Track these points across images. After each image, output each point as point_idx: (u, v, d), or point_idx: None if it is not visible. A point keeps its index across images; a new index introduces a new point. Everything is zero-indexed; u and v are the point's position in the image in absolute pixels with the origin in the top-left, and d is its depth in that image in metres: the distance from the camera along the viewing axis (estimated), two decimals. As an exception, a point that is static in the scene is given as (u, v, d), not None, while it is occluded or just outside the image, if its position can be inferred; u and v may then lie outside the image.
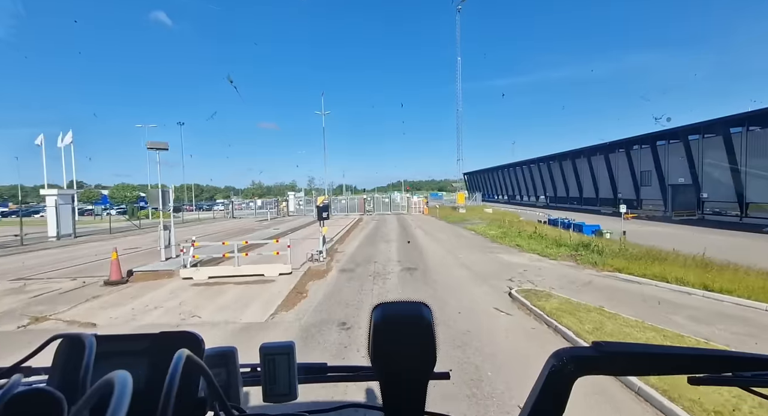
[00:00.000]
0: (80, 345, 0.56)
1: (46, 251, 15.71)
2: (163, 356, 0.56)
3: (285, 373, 0.73)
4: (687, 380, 0.59)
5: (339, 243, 16.22)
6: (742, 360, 0.56)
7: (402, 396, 0.56)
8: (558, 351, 0.55)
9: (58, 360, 0.60)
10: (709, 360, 0.57)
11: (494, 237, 17.25)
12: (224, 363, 0.72)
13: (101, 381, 0.34)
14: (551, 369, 0.53)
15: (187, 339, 0.65)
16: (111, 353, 0.61)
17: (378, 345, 0.54)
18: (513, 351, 4.98)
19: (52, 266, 11.66)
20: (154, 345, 0.65)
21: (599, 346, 0.55)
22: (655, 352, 0.57)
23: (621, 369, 0.59)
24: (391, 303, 0.57)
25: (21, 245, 17.26)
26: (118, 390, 0.32)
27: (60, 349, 0.61)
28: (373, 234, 19.68)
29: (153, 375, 0.60)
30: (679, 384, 3.72)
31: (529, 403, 0.53)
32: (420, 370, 0.55)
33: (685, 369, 0.56)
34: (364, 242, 16.66)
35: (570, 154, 50.85)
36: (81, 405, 0.32)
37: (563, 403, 0.52)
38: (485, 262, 11.47)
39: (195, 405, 0.58)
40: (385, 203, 35.68)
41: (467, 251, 13.60)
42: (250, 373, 0.83)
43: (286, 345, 0.75)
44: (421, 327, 0.54)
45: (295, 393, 0.73)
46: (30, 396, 0.43)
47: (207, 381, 0.51)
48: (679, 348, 0.57)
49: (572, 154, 50.52)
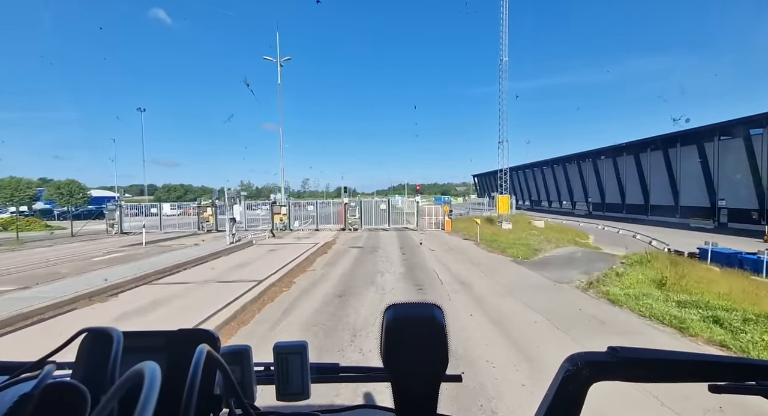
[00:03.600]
0: (107, 339, 0.55)
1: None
2: (181, 352, 0.58)
3: (298, 372, 0.72)
4: (708, 388, 0.56)
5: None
6: (765, 368, 0.54)
7: (413, 398, 0.56)
8: (572, 355, 0.55)
9: (83, 354, 0.59)
10: (730, 368, 0.55)
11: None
12: (239, 361, 0.71)
13: (131, 371, 0.34)
14: (566, 373, 0.52)
15: (204, 336, 0.65)
16: (129, 348, 0.59)
17: (390, 347, 0.54)
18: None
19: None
20: (172, 341, 0.65)
21: (615, 351, 0.54)
22: (673, 359, 0.56)
23: (638, 376, 0.55)
24: (403, 305, 0.57)
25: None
26: (149, 380, 0.32)
27: (85, 343, 0.60)
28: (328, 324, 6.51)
29: (171, 369, 0.58)
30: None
31: (543, 407, 0.53)
32: (432, 372, 0.55)
33: (705, 377, 0.53)
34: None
35: (633, 146, 37.80)
36: (112, 394, 0.33)
37: (578, 409, 0.52)
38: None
39: (211, 400, 0.58)
40: (381, 212, 22.52)
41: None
42: (263, 372, 0.83)
43: (299, 345, 0.74)
44: (434, 329, 0.54)
45: (307, 393, 0.72)
46: (57, 388, 0.43)
47: (225, 377, 0.54)
48: (699, 354, 0.56)
49: (636, 146, 37.43)
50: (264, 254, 12.37)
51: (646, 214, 36.53)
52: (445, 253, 12.97)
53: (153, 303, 6.67)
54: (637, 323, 5.72)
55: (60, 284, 7.84)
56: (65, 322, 5.73)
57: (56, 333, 5.14)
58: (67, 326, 5.41)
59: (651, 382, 0.55)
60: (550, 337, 5.07)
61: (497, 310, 6.31)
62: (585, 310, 6.29)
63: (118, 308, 6.51)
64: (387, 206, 22.07)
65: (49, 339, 4.69)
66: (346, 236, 18.51)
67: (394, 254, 12.83)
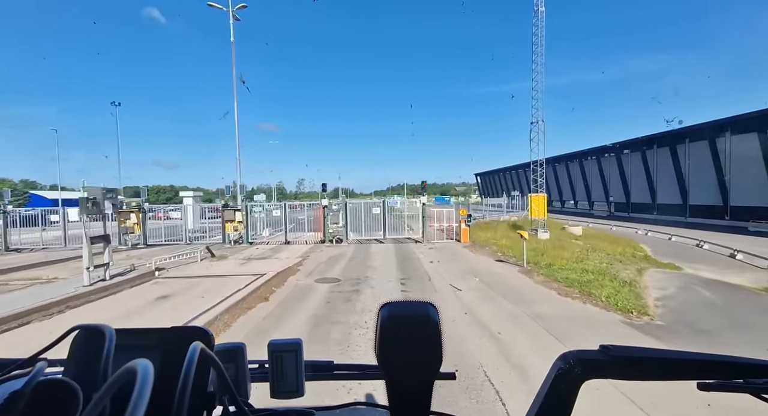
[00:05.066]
0: (99, 336, 0.55)
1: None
2: (174, 350, 0.58)
3: (292, 370, 0.71)
4: (696, 386, 0.57)
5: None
6: (753, 366, 0.55)
7: (408, 396, 0.56)
8: (565, 353, 0.55)
9: (75, 351, 0.58)
10: (719, 366, 0.56)
11: None
12: (233, 359, 0.70)
13: (124, 368, 0.34)
14: (558, 371, 0.53)
15: (198, 333, 0.64)
16: (122, 346, 0.58)
17: (384, 344, 0.54)
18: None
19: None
20: (165, 338, 0.64)
21: (607, 350, 0.54)
22: (663, 357, 0.56)
23: (628, 374, 0.55)
24: (398, 303, 0.57)
25: None
26: (141, 377, 0.32)
27: (77, 340, 0.59)
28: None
29: (164, 367, 0.56)
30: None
31: (535, 406, 0.53)
32: (426, 370, 0.54)
33: (695, 375, 0.54)
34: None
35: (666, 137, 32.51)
36: (104, 391, 0.32)
37: (570, 407, 0.52)
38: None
39: (205, 398, 0.57)
40: (375, 217, 16.61)
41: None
42: (258, 370, 0.82)
43: (294, 342, 0.73)
44: (428, 327, 0.54)
45: (302, 390, 0.72)
46: (49, 386, 0.43)
47: (219, 374, 0.53)
48: (689, 353, 0.57)
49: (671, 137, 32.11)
50: (121, 317, 6.65)
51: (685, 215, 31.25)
52: (482, 298, 7.28)
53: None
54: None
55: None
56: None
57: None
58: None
59: (642, 380, 0.55)
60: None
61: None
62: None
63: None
64: (382, 210, 16.33)
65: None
66: (322, 255, 12.81)
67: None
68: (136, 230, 14.82)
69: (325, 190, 16.56)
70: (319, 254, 12.87)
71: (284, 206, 16.12)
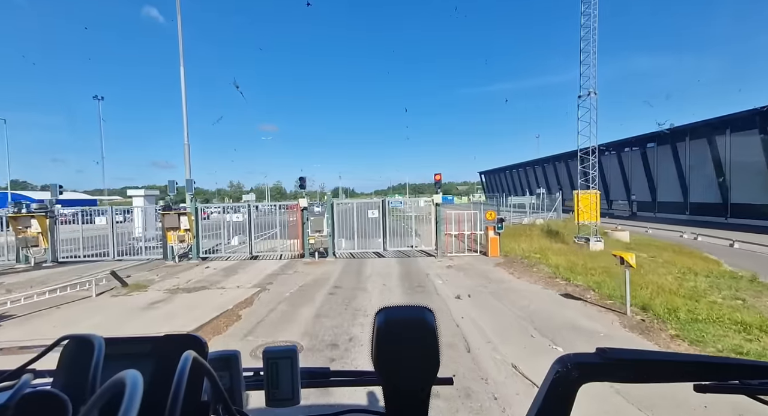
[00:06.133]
0: (89, 346, 0.54)
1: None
2: (167, 358, 0.56)
3: (288, 377, 0.69)
4: (693, 387, 0.56)
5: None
6: (748, 367, 0.55)
7: (404, 402, 0.55)
8: (562, 356, 0.54)
9: (64, 362, 0.57)
10: (715, 368, 0.56)
11: None
12: (227, 367, 0.69)
13: (112, 380, 0.33)
14: (555, 375, 0.52)
15: (192, 342, 0.63)
16: (113, 355, 0.57)
17: (381, 350, 0.53)
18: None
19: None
20: (158, 347, 0.63)
21: (604, 352, 0.54)
22: (660, 359, 0.56)
23: (626, 376, 0.55)
24: (394, 308, 0.56)
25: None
26: (130, 389, 0.31)
27: (66, 351, 0.58)
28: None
29: (157, 377, 0.56)
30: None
31: (534, 409, 0.52)
32: (423, 375, 0.54)
33: (691, 377, 0.54)
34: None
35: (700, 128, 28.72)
36: (92, 404, 0.32)
37: (568, 410, 0.51)
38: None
39: (199, 407, 0.56)
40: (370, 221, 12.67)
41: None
42: (252, 377, 0.80)
43: (290, 349, 0.71)
44: (425, 332, 0.53)
45: (297, 398, 0.70)
46: (35, 398, 0.42)
47: (212, 383, 0.51)
48: (685, 355, 0.56)
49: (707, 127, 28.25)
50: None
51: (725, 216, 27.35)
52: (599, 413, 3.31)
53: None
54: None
55: None
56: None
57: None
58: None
59: (639, 382, 0.54)
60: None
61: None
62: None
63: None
64: (382, 212, 12.31)
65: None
66: (291, 281, 8.77)
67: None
68: (40, 242, 10.76)
69: (303, 187, 12.42)
70: (287, 280, 8.82)
71: (248, 207, 12.02)
